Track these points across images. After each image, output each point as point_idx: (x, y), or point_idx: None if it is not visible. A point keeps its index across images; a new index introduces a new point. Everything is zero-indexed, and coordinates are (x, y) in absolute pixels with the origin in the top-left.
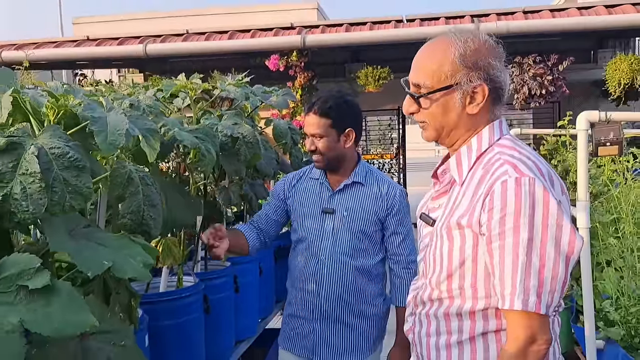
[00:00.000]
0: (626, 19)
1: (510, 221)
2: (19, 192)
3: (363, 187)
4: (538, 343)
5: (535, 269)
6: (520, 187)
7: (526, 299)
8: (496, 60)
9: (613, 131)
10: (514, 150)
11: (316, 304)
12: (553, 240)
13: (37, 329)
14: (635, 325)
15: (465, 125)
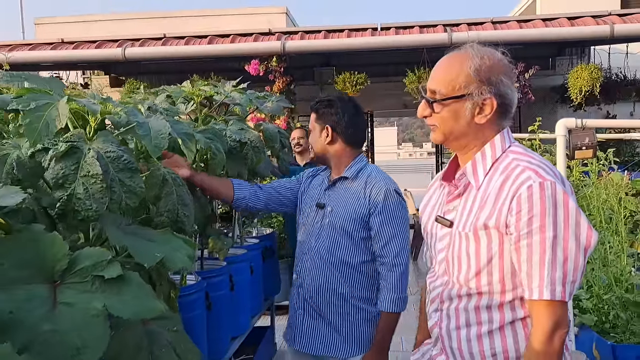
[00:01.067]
0: (587, 30)
1: (537, 221)
2: (82, 192)
3: (351, 183)
4: (562, 328)
5: (560, 262)
6: (544, 190)
7: (554, 289)
8: (507, 78)
9: (588, 136)
10: (528, 157)
11: (299, 295)
12: (574, 236)
13: (119, 313)
14: (606, 312)
15: (473, 134)
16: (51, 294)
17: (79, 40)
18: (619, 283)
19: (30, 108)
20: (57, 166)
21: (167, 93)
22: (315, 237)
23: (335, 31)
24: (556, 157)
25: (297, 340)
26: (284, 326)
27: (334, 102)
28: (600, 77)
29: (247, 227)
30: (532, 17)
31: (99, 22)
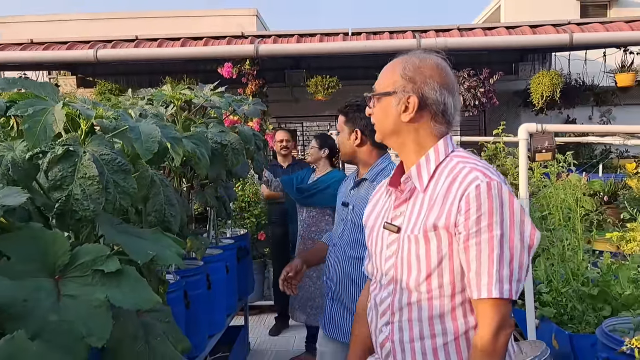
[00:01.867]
0: (548, 38)
1: (485, 220)
2: (79, 193)
3: (370, 184)
4: (507, 327)
5: (507, 260)
6: (492, 190)
7: (502, 287)
8: (435, 81)
9: (547, 140)
10: (473, 160)
11: (328, 286)
12: (519, 235)
13: (119, 303)
14: (564, 304)
15: (406, 133)
16: (55, 287)
17: (49, 41)
18: (576, 277)
19: (29, 113)
20: (55, 168)
21: (148, 96)
22: (340, 233)
23: (308, 35)
24: (518, 159)
25: (327, 328)
26: (257, 326)
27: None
28: (560, 83)
29: (222, 228)
30: (496, 25)
31: (68, 22)
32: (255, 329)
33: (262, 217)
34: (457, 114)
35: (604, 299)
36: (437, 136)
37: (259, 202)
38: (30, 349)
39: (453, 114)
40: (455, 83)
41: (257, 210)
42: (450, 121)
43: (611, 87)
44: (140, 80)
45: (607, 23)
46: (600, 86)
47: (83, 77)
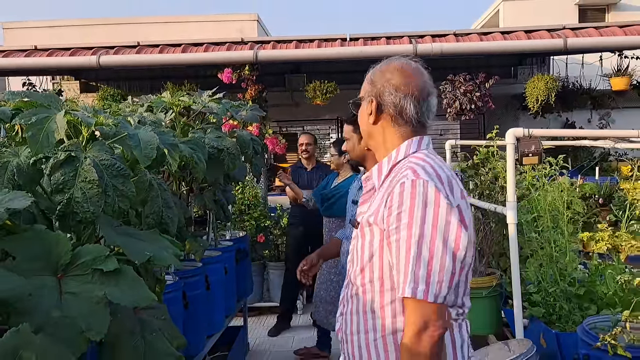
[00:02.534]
0: (542, 43)
1: (405, 217)
2: (80, 197)
3: None
4: (431, 329)
5: (425, 260)
6: (415, 188)
7: (415, 287)
8: (391, 84)
9: (534, 144)
10: (420, 159)
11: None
12: (441, 236)
13: (118, 300)
14: (552, 304)
15: (377, 135)
16: (57, 284)
17: (53, 48)
18: (563, 278)
19: (32, 122)
20: (58, 173)
21: (148, 103)
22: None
23: (306, 41)
24: (506, 162)
25: None
26: (256, 327)
27: None
28: (555, 87)
29: (221, 231)
30: (492, 30)
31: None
32: (254, 329)
33: (262, 219)
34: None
35: (590, 299)
36: (402, 137)
37: (259, 205)
38: (34, 341)
39: (414, 115)
40: (420, 87)
41: (257, 213)
42: (413, 122)
43: (607, 90)
44: (142, 85)
45: (602, 28)
46: (597, 90)
47: (86, 82)
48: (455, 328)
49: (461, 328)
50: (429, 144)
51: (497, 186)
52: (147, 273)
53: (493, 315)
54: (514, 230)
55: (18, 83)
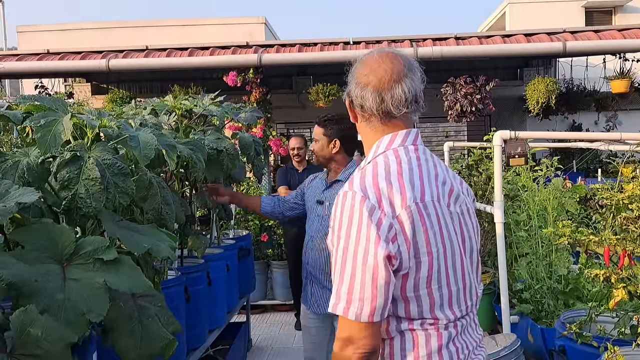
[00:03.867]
0: (541, 46)
1: (336, 231)
2: (84, 193)
3: (342, 183)
4: (354, 346)
5: (347, 277)
6: (345, 200)
7: (337, 304)
8: (354, 77)
9: (520, 146)
10: (373, 164)
11: (306, 269)
12: (363, 252)
13: (116, 287)
14: (540, 301)
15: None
16: (62, 272)
17: (64, 51)
18: (550, 275)
19: (41, 124)
20: (63, 171)
21: (151, 106)
22: (317, 226)
23: (310, 45)
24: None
25: (309, 304)
26: (259, 324)
27: (342, 119)
28: (555, 90)
29: (224, 229)
30: (493, 34)
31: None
32: (257, 326)
33: (265, 219)
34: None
35: (577, 296)
36: (376, 133)
37: None
38: (40, 320)
39: (374, 106)
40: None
41: None
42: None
43: (611, 92)
44: (151, 87)
45: (601, 31)
46: (601, 92)
47: (97, 85)
48: (421, 337)
49: (430, 338)
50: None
51: (490, 186)
52: (146, 264)
53: (487, 313)
54: (502, 229)
55: (31, 85)
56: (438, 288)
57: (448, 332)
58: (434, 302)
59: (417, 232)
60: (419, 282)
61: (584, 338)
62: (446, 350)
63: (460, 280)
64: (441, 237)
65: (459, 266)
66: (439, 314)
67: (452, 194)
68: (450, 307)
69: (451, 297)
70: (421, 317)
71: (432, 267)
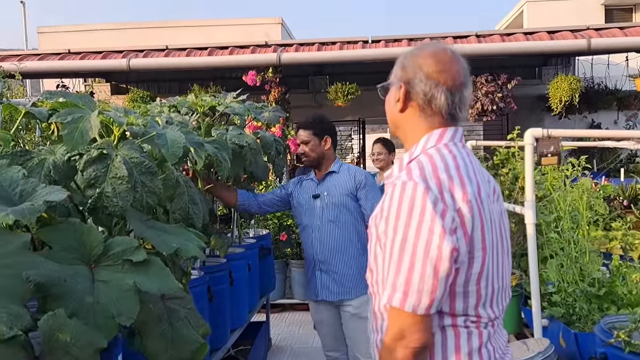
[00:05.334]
0: (565, 44)
1: (392, 222)
2: (110, 191)
3: (337, 174)
4: (407, 340)
5: (405, 268)
6: (404, 191)
7: (392, 295)
8: (422, 71)
9: (553, 145)
10: (428, 156)
11: (313, 260)
12: (424, 244)
13: (146, 289)
14: (572, 304)
15: (403, 126)
16: (90, 273)
17: (85, 51)
18: (583, 278)
19: (68, 121)
20: (90, 169)
21: (173, 104)
22: (319, 217)
23: (328, 43)
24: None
25: (321, 293)
26: (279, 323)
27: (324, 117)
28: (579, 88)
29: (245, 228)
30: (515, 31)
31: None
32: (276, 326)
33: (284, 218)
34: (460, 109)
35: (611, 300)
36: (428, 128)
37: None
38: (69, 325)
39: (445, 107)
40: (454, 77)
41: (279, 212)
42: (442, 114)
43: (634, 91)
44: (170, 86)
45: (627, 28)
46: (623, 90)
47: (117, 85)
48: (463, 335)
49: (471, 336)
50: (456, 135)
51: (517, 187)
52: (174, 265)
53: (513, 316)
54: (533, 230)
55: (52, 86)
56: (485, 285)
57: (487, 331)
58: (480, 299)
59: (475, 227)
60: (470, 278)
61: (632, 346)
62: (485, 349)
63: (502, 279)
64: (492, 234)
65: (501, 265)
66: (481, 312)
67: (495, 192)
68: (491, 305)
69: (493, 295)
70: (465, 314)
71: (484, 264)
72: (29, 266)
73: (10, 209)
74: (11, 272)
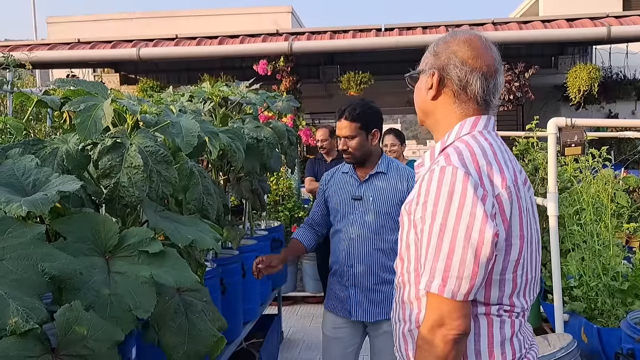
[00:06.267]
0: (585, 32)
1: (430, 207)
2: (126, 181)
3: (385, 175)
4: (446, 327)
5: (444, 253)
6: (443, 175)
7: (431, 281)
8: (457, 57)
9: (577, 134)
10: (464, 143)
11: (350, 274)
12: (465, 229)
13: (163, 281)
14: (594, 298)
15: (433, 113)
16: (105, 264)
17: (95, 41)
18: (606, 272)
19: (81, 109)
20: (105, 158)
21: (189, 93)
22: (359, 224)
23: (341, 32)
24: (547, 153)
25: (353, 313)
26: (290, 316)
27: (372, 106)
28: (598, 77)
29: (256, 220)
30: (532, 19)
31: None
32: (288, 318)
33: (296, 210)
34: (493, 95)
35: (635, 294)
36: (461, 116)
37: (292, 196)
38: (85, 317)
39: (480, 93)
40: (489, 63)
41: (291, 204)
42: (478, 100)
43: None
44: (179, 77)
45: None
46: None
47: (126, 75)
48: (496, 323)
49: (504, 325)
50: (489, 124)
51: (538, 178)
52: (189, 257)
53: (532, 310)
54: (555, 223)
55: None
56: (521, 274)
57: (519, 320)
58: (515, 288)
59: (513, 214)
60: (507, 266)
61: None
62: (516, 338)
63: (534, 269)
64: (528, 222)
65: (534, 255)
66: (515, 301)
67: (527, 182)
68: (524, 295)
69: (527, 285)
70: (499, 303)
71: (521, 251)
72: (44, 258)
73: (23, 200)
74: (26, 264)
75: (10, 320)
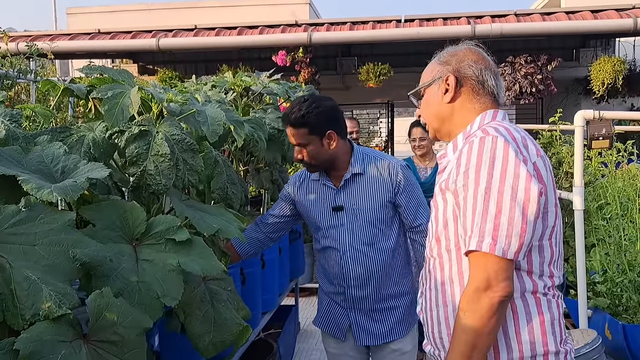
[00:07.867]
0: (610, 23)
1: (472, 174)
2: (153, 169)
3: (363, 176)
4: (493, 289)
5: (492, 214)
6: (483, 144)
7: (481, 241)
8: (469, 59)
9: (605, 127)
10: (492, 126)
11: (348, 295)
12: (510, 189)
13: (189, 269)
14: (619, 294)
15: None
16: (133, 252)
17: (115, 31)
18: (632, 268)
19: (108, 96)
20: (132, 146)
21: (212, 83)
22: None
23: (360, 23)
24: (574, 146)
25: (356, 337)
26: (307, 307)
27: (318, 102)
28: (623, 70)
29: None
30: (555, 10)
31: (131, 12)
32: (305, 309)
33: None
34: (502, 92)
35: None
36: (479, 110)
37: None
38: (115, 304)
39: (495, 87)
40: (493, 66)
41: None
42: (494, 93)
43: None
44: (197, 67)
45: None
46: None
47: (144, 65)
48: (544, 303)
49: (550, 304)
50: (505, 118)
51: (561, 172)
52: (214, 246)
53: None
54: (581, 217)
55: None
56: (556, 243)
57: (560, 302)
58: (552, 256)
59: (548, 182)
60: (545, 232)
61: None
62: (562, 320)
63: (560, 245)
64: (555, 195)
65: (560, 230)
66: (554, 270)
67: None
68: (557, 267)
69: (559, 257)
70: (540, 272)
71: (556, 219)
72: (75, 244)
73: (53, 186)
74: (58, 250)
75: (43, 305)
